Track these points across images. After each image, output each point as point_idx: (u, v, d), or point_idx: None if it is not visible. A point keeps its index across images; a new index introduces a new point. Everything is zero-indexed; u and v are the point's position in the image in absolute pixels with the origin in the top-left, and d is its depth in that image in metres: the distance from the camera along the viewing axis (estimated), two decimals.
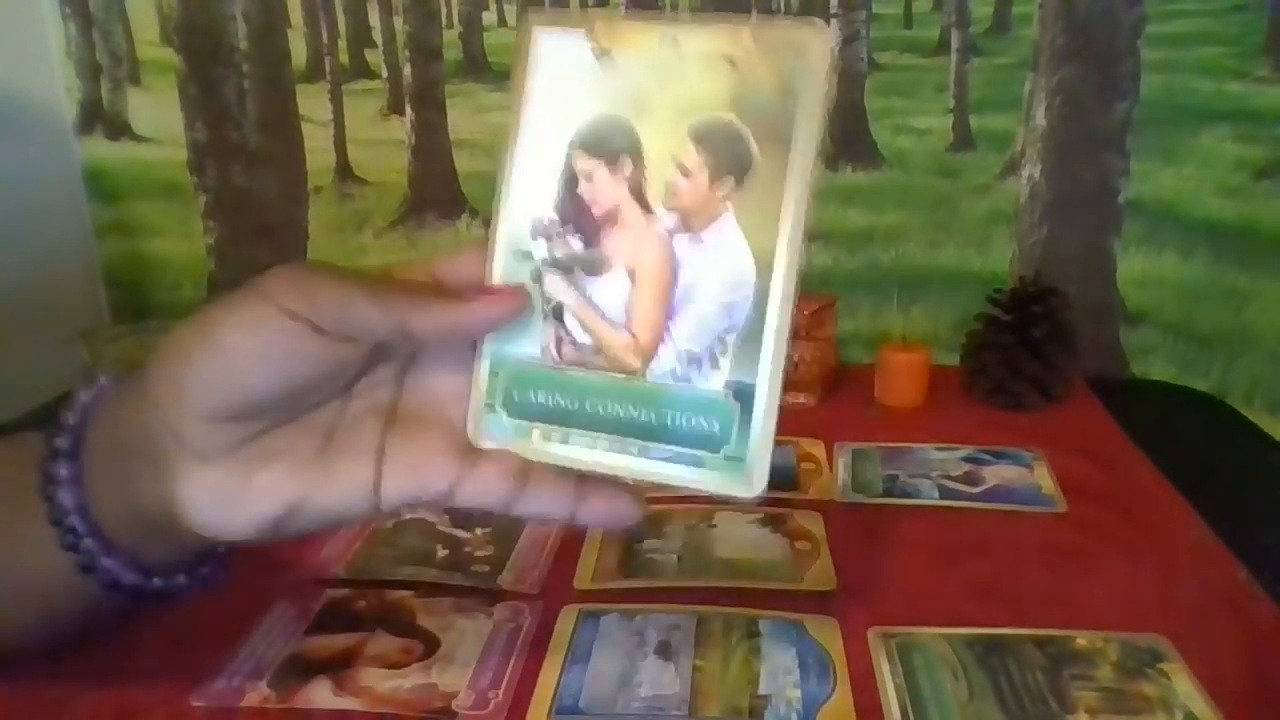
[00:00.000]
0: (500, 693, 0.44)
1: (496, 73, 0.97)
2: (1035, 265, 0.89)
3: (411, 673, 0.45)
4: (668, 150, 0.34)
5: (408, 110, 0.98)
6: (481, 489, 0.35)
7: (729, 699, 0.44)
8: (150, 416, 0.34)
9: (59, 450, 0.37)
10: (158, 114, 1.00)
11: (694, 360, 0.34)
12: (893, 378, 0.79)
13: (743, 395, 0.33)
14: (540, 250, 0.35)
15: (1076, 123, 0.88)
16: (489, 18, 0.96)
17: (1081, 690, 0.44)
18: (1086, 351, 0.86)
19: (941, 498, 0.64)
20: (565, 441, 0.35)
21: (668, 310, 0.34)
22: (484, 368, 0.36)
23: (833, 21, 0.90)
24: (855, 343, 0.94)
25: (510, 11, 0.96)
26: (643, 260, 0.34)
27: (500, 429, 0.35)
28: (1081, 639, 0.48)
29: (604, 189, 0.34)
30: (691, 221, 0.33)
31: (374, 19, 0.97)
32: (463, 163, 0.99)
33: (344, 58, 0.98)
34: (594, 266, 0.35)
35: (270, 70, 0.98)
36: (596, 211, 0.34)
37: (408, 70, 0.97)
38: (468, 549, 0.57)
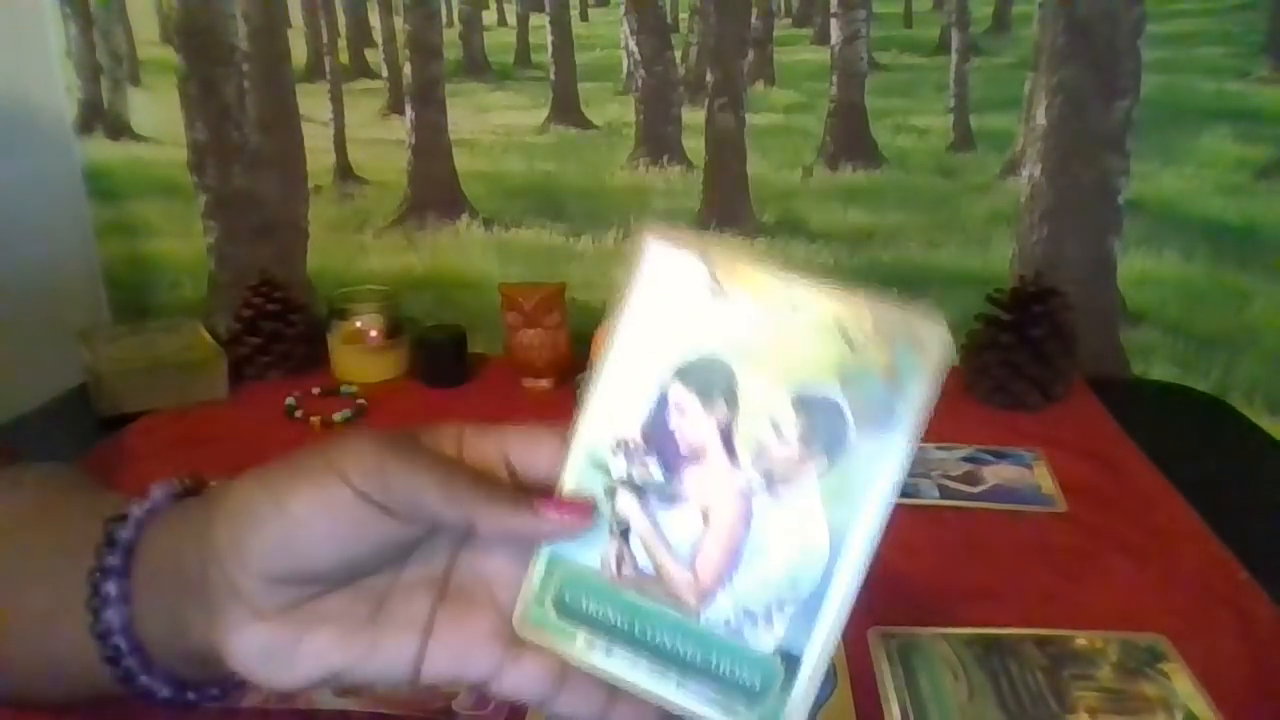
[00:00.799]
0: None
1: (497, 72, 0.97)
2: (1035, 265, 0.89)
3: None
4: (765, 406, 0.33)
5: (408, 110, 0.98)
6: (520, 683, 0.36)
7: None
8: (209, 563, 0.35)
9: (109, 567, 0.37)
10: (158, 114, 1.00)
11: (749, 615, 0.34)
12: None
13: (790, 660, 0.33)
14: (618, 467, 0.35)
15: (1076, 123, 0.88)
16: (489, 17, 0.96)
17: (1081, 690, 0.44)
18: (1086, 351, 0.86)
19: (941, 497, 0.64)
20: (608, 654, 0.35)
21: (733, 561, 0.34)
22: (541, 563, 0.35)
23: (834, 23, 0.90)
24: None
25: (510, 11, 0.96)
26: (719, 507, 0.34)
27: (545, 625, 0.35)
28: (1081, 639, 0.48)
29: (695, 426, 0.34)
30: (775, 483, 0.33)
31: (374, 19, 0.97)
32: (463, 162, 0.99)
33: (344, 57, 0.98)
34: (669, 498, 0.34)
35: (270, 70, 0.98)
36: (682, 446, 0.34)
37: (408, 70, 0.97)
38: None
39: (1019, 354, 0.79)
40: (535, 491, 0.35)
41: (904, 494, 0.64)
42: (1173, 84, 0.86)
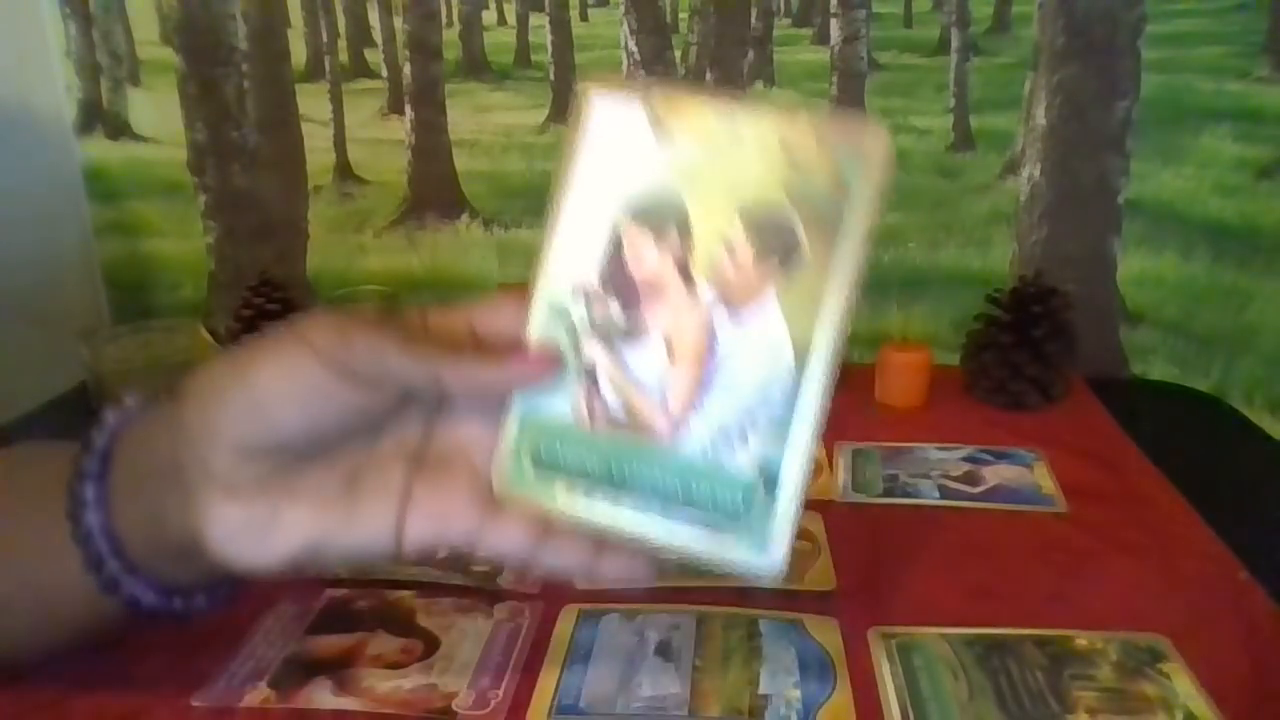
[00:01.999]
0: (500, 693, 0.44)
1: (497, 72, 0.97)
2: (1035, 265, 0.89)
3: (411, 673, 0.45)
4: (716, 227, 0.34)
5: (408, 110, 0.98)
6: (503, 539, 0.36)
7: (729, 699, 0.44)
8: (180, 446, 0.35)
9: (86, 472, 0.37)
10: (158, 114, 1.00)
11: (724, 434, 0.34)
12: (893, 378, 0.79)
13: (769, 473, 0.34)
14: (579, 311, 0.35)
15: (1076, 123, 0.88)
16: (489, 17, 0.96)
17: (1081, 690, 0.44)
18: (1086, 351, 0.86)
19: (942, 498, 0.64)
20: (590, 500, 0.35)
21: (702, 384, 0.34)
22: (513, 419, 0.36)
23: (834, 23, 0.90)
24: (855, 343, 0.93)
25: (510, 11, 0.96)
26: (681, 332, 0.34)
27: (524, 481, 0.36)
28: (1081, 639, 0.48)
29: (648, 258, 0.34)
30: (733, 299, 0.34)
31: (374, 18, 0.97)
32: (463, 162, 0.99)
33: (344, 57, 0.98)
34: (632, 333, 0.35)
35: (270, 70, 0.98)
36: (639, 279, 0.35)
37: (408, 70, 0.97)
38: None
39: (1019, 354, 0.79)
40: (501, 349, 0.36)
41: (904, 494, 0.64)
42: (1173, 84, 0.86)
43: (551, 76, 0.96)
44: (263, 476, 0.35)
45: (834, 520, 0.60)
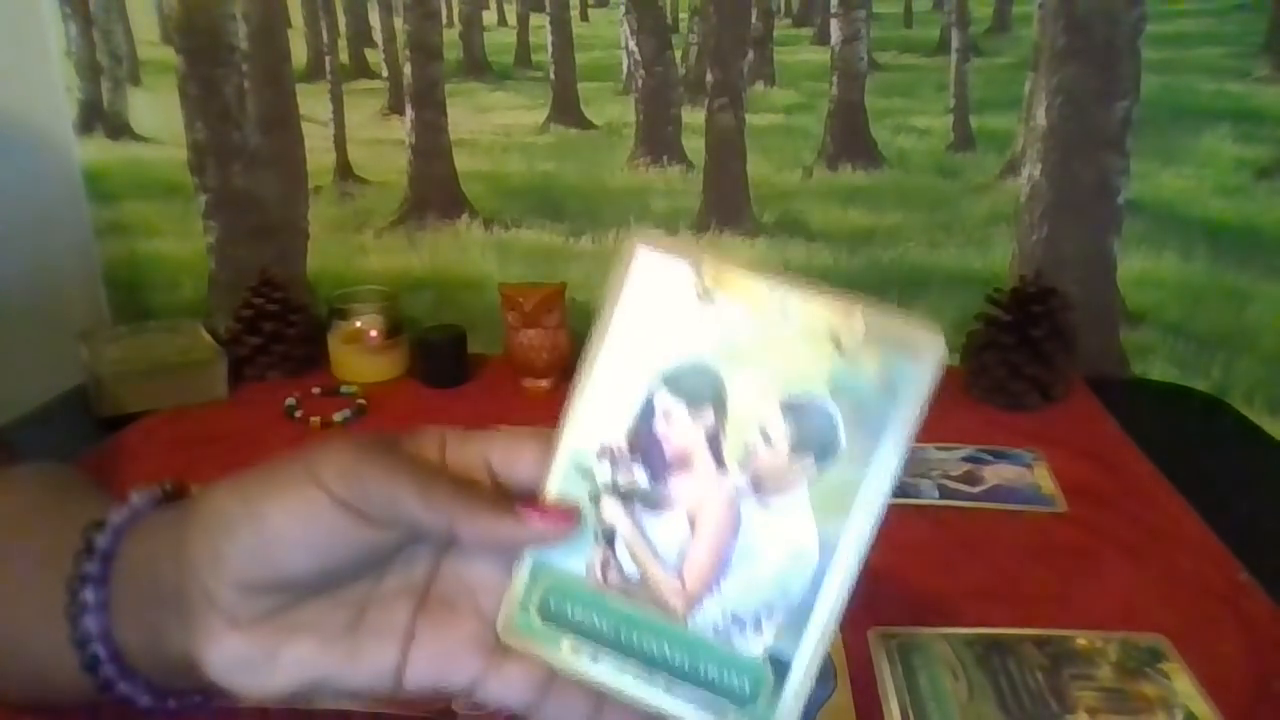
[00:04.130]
0: None
1: (497, 72, 0.97)
2: (1035, 265, 0.89)
3: None
4: (753, 411, 0.33)
5: (408, 110, 0.98)
6: (505, 690, 0.35)
7: None
8: (184, 573, 0.34)
9: (88, 575, 0.37)
10: (158, 114, 1.00)
11: (738, 621, 0.33)
12: None
13: (779, 663, 0.33)
14: (603, 473, 0.34)
15: (1076, 123, 0.88)
16: (489, 17, 0.96)
17: (1081, 690, 0.44)
18: (1086, 351, 0.86)
19: (941, 497, 0.64)
20: (595, 660, 0.34)
21: (721, 567, 0.33)
22: (525, 566, 0.35)
23: (834, 23, 0.90)
24: None
25: (510, 11, 0.96)
26: (706, 512, 0.33)
27: (531, 630, 0.35)
28: (1081, 639, 0.48)
29: (681, 431, 0.33)
30: (762, 486, 0.33)
31: (374, 19, 0.97)
32: (463, 162, 0.99)
33: (344, 57, 0.98)
34: (655, 504, 0.34)
35: (270, 70, 0.98)
36: (668, 451, 0.33)
37: (408, 70, 0.97)
38: None
39: (1019, 354, 0.79)
40: (518, 497, 0.35)
41: (904, 494, 0.64)
42: (1173, 84, 0.86)
43: (551, 76, 0.96)
44: (267, 611, 0.34)
45: None
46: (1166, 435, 0.75)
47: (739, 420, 0.33)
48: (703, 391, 0.33)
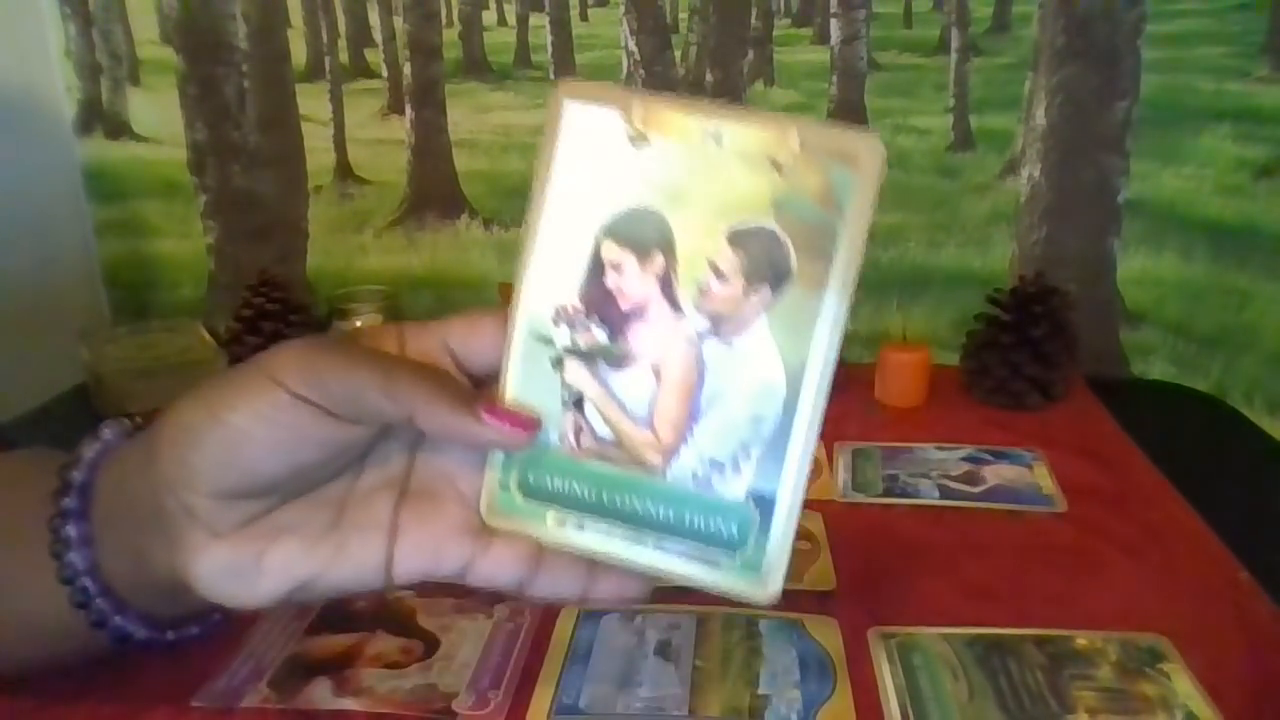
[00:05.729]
0: (500, 693, 0.44)
1: (497, 72, 0.97)
2: (1035, 265, 0.89)
3: (411, 673, 0.45)
4: (702, 250, 0.32)
5: (408, 110, 0.98)
6: (495, 570, 0.35)
7: (729, 699, 0.44)
8: (160, 491, 0.34)
9: (67, 510, 0.37)
10: (158, 114, 1.00)
11: (716, 465, 0.33)
12: (893, 377, 0.79)
13: (763, 503, 0.33)
14: (562, 337, 0.34)
15: (1076, 123, 0.88)
16: (489, 17, 0.96)
17: (1081, 690, 0.44)
18: (1086, 351, 0.86)
19: (941, 498, 0.64)
20: (580, 529, 0.34)
21: (692, 412, 0.33)
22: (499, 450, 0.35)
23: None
24: (855, 342, 0.94)
25: (510, 11, 0.96)
26: (669, 360, 0.33)
27: (514, 510, 0.35)
28: (1081, 639, 0.48)
29: (633, 282, 0.33)
30: (722, 326, 0.32)
31: (374, 19, 0.97)
32: (463, 162, 0.99)
33: (344, 57, 0.98)
34: (618, 360, 0.33)
35: (270, 70, 0.98)
36: (624, 304, 0.33)
37: (408, 70, 0.97)
38: None
39: (1019, 354, 0.79)
40: (482, 386, 0.35)
41: (904, 494, 0.64)
42: (1173, 84, 0.86)
43: (551, 76, 0.96)
44: (247, 517, 0.34)
45: (834, 520, 0.60)
46: (1166, 435, 0.75)
47: (689, 259, 0.32)
48: (649, 237, 0.32)
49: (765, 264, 0.32)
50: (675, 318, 0.33)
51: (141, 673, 0.44)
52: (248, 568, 0.34)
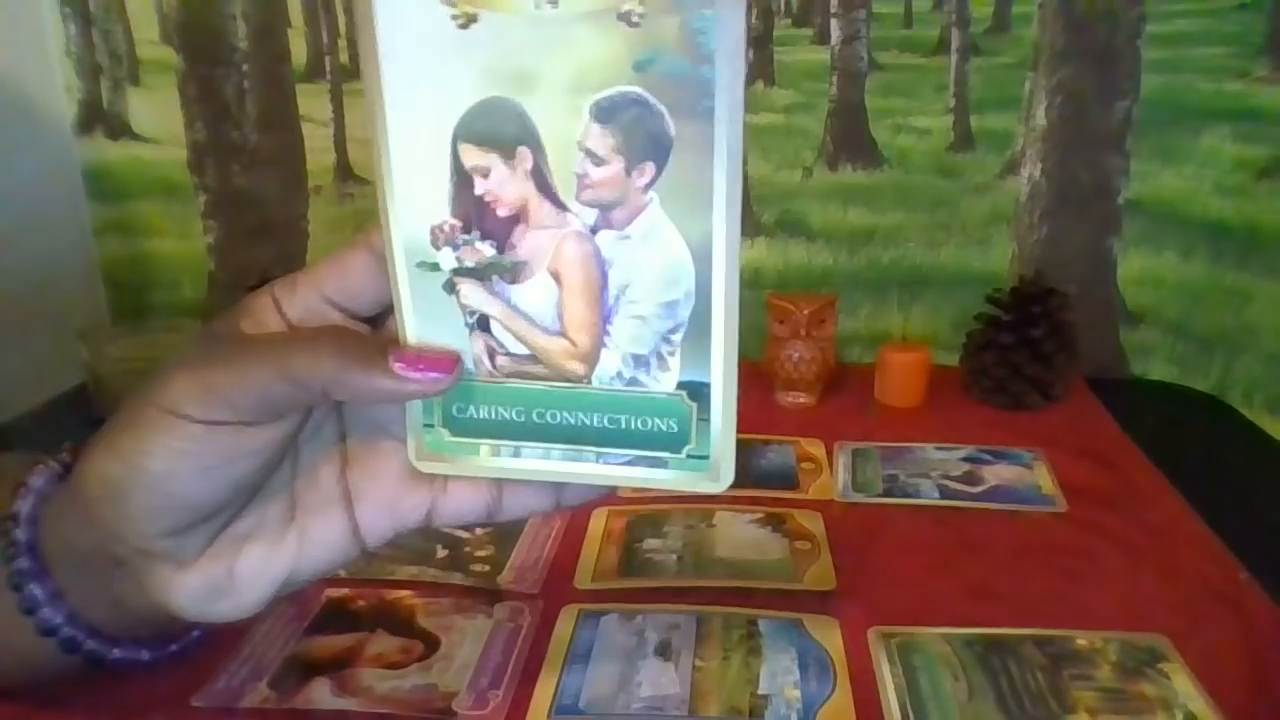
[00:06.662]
0: (500, 693, 0.44)
1: None
2: (1035, 265, 0.89)
3: (411, 673, 0.45)
4: (569, 133, 0.28)
5: None
6: (459, 507, 0.35)
7: (729, 699, 0.44)
8: (109, 544, 0.33)
9: (24, 571, 0.36)
10: (158, 114, 1.00)
11: (640, 362, 0.31)
12: (893, 378, 0.79)
13: (697, 392, 0.31)
14: (447, 259, 0.31)
15: (1076, 123, 0.88)
16: None
17: (1081, 690, 0.44)
18: (1086, 351, 0.86)
19: (941, 498, 0.64)
20: (517, 455, 0.33)
21: (603, 312, 0.31)
22: None
23: (834, 23, 0.90)
24: (855, 343, 0.94)
25: None
26: (565, 261, 0.30)
27: (443, 449, 0.33)
28: (1081, 639, 0.48)
29: (504, 185, 0.30)
30: (612, 214, 0.30)
31: None
32: None
33: (344, 57, 0.98)
34: (512, 272, 0.31)
35: (270, 70, 0.98)
36: (501, 211, 0.30)
37: None
38: (467, 549, 0.57)
39: (1019, 354, 0.79)
40: (380, 327, 0.33)
41: (904, 494, 0.64)
42: (1173, 84, 0.86)
43: None
44: (205, 541, 0.34)
45: (834, 520, 0.60)
46: (1166, 435, 0.75)
47: (558, 148, 0.29)
48: (507, 132, 0.29)
49: (641, 136, 0.28)
50: (560, 215, 0.30)
51: (142, 672, 0.44)
52: (223, 585, 0.34)
